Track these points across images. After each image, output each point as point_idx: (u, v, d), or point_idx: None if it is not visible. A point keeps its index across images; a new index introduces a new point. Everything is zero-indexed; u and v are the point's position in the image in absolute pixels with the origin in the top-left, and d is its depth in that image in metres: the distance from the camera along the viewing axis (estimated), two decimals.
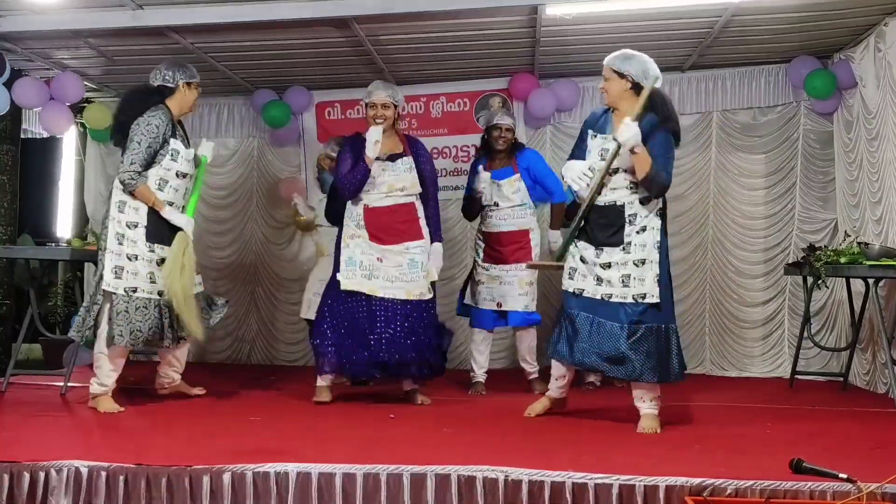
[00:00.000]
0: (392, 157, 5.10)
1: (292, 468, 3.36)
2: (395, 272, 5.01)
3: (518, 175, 5.71)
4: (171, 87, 5.00)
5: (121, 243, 4.74)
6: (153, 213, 4.80)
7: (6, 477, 3.38)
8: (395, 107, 5.21)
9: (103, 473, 3.37)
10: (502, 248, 5.69)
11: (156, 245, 4.80)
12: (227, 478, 3.34)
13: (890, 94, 5.49)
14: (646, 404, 4.31)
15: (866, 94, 5.95)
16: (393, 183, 5.06)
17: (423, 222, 5.12)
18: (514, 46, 6.36)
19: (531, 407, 4.71)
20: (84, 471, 3.38)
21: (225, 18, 5.44)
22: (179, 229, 4.86)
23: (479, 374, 5.84)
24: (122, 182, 4.77)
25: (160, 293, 4.77)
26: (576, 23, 5.70)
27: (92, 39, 6.00)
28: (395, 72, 6.91)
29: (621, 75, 4.33)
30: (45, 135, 8.06)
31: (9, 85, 6.33)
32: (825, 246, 5.77)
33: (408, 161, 5.12)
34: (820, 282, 5.63)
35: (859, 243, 5.41)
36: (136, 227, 4.76)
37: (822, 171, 6.73)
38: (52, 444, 3.84)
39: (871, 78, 5.85)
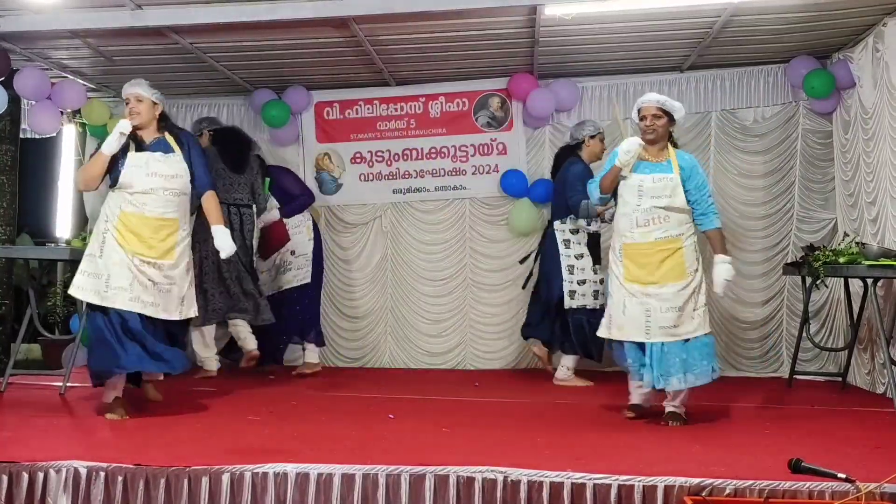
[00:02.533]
0: None
1: (291, 468, 3.36)
2: None
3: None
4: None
5: None
6: None
7: (5, 477, 3.39)
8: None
9: (102, 474, 3.38)
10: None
11: None
12: (225, 478, 3.35)
13: (887, 94, 5.49)
14: None
15: (863, 94, 5.95)
16: None
17: (290, 230, 6.60)
18: (514, 46, 6.35)
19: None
20: (83, 471, 3.39)
21: (224, 18, 5.43)
22: None
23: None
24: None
25: None
26: (575, 23, 5.69)
27: (91, 39, 5.99)
28: (394, 72, 6.91)
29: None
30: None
31: (6, 84, 6.33)
32: (824, 246, 5.77)
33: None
34: (819, 282, 5.63)
35: (857, 243, 5.42)
36: None
37: (822, 171, 6.73)
38: (50, 444, 3.84)
39: (868, 78, 5.85)
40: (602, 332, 4.73)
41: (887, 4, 5.40)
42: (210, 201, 4.94)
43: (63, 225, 8.88)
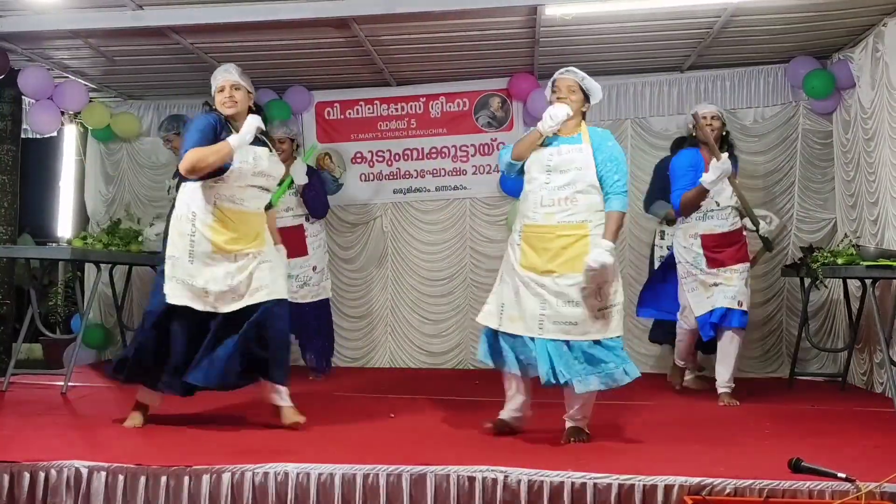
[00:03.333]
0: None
1: (292, 468, 3.37)
2: None
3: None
4: None
5: None
6: None
7: (6, 477, 3.39)
8: (292, 140, 6.17)
9: (103, 473, 3.39)
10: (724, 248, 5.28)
11: None
12: (226, 478, 3.35)
13: (886, 94, 5.50)
14: None
15: (863, 94, 5.96)
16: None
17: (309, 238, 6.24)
18: (514, 47, 6.36)
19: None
20: (84, 471, 3.39)
21: (225, 18, 5.45)
22: None
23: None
24: None
25: None
26: (575, 23, 5.70)
27: (92, 40, 6.00)
28: (394, 72, 6.92)
29: None
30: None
31: (9, 83, 6.35)
32: (821, 248, 5.77)
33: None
34: (818, 282, 5.63)
35: (853, 245, 5.43)
36: None
37: (821, 172, 6.74)
38: (52, 444, 3.85)
39: (867, 78, 5.86)
40: (487, 320, 4.11)
41: (887, 5, 5.41)
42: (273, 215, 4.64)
43: (64, 224, 8.89)
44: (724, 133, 5.39)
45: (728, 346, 5.24)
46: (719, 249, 5.25)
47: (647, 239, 6.82)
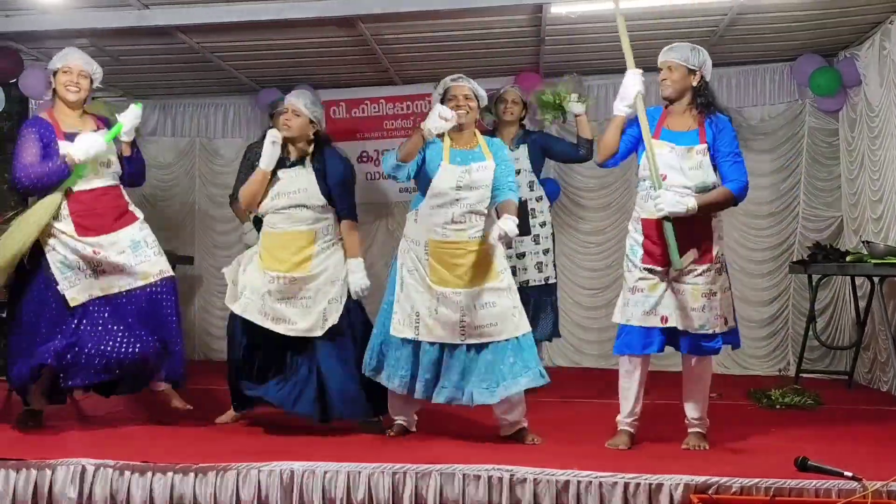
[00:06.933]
0: None
1: (297, 467, 3.37)
2: None
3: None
4: None
5: None
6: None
7: (13, 475, 3.40)
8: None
9: (109, 471, 3.40)
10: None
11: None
12: (231, 476, 3.36)
13: (893, 91, 5.49)
14: None
15: (869, 92, 5.95)
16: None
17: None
18: (519, 45, 6.36)
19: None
20: (90, 468, 3.40)
21: (231, 18, 5.45)
22: None
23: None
24: None
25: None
26: (581, 21, 5.69)
27: (97, 39, 6.01)
28: (399, 71, 6.92)
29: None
30: None
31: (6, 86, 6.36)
32: (830, 245, 5.75)
33: None
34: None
35: (863, 241, 5.41)
36: None
37: (827, 170, 6.72)
38: (57, 442, 3.86)
39: (874, 76, 5.84)
40: (401, 332, 4.09)
41: (893, 2, 5.39)
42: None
43: None
44: (696, 85, 4.17)
45: (688, 372, 4.08)
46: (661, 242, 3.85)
47: None
